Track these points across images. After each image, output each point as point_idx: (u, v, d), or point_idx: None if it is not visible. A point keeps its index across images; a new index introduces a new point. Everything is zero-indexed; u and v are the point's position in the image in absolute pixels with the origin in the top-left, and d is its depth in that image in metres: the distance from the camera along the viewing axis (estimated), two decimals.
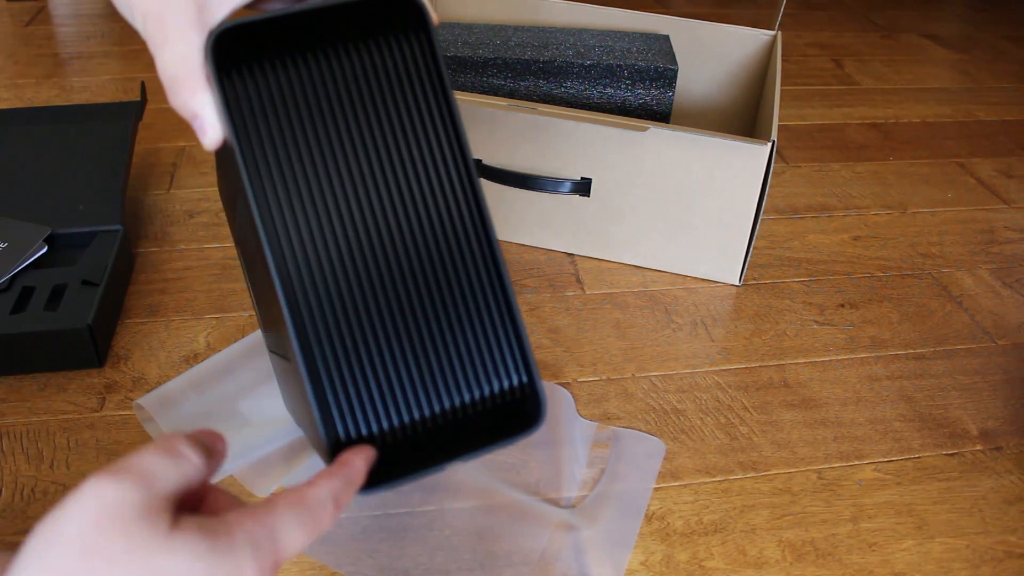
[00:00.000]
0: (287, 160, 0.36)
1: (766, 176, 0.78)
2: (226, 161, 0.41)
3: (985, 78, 1.43)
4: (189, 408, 0.65)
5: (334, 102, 0.37)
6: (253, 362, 0.70)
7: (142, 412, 0.64)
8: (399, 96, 0.38)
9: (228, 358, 0.70)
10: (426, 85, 0.39)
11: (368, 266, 0.37)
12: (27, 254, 0.76)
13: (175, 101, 0.39)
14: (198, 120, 0.39)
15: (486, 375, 0.39)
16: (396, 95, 0.38)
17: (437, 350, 0.38)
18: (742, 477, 0.64)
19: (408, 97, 0.38)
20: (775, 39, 1.02)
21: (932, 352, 0.79)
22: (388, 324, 0.37)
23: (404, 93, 0.38)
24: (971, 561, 0.59)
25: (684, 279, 0.87)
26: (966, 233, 0.98)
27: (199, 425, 0.63)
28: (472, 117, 0.83)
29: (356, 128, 0.37)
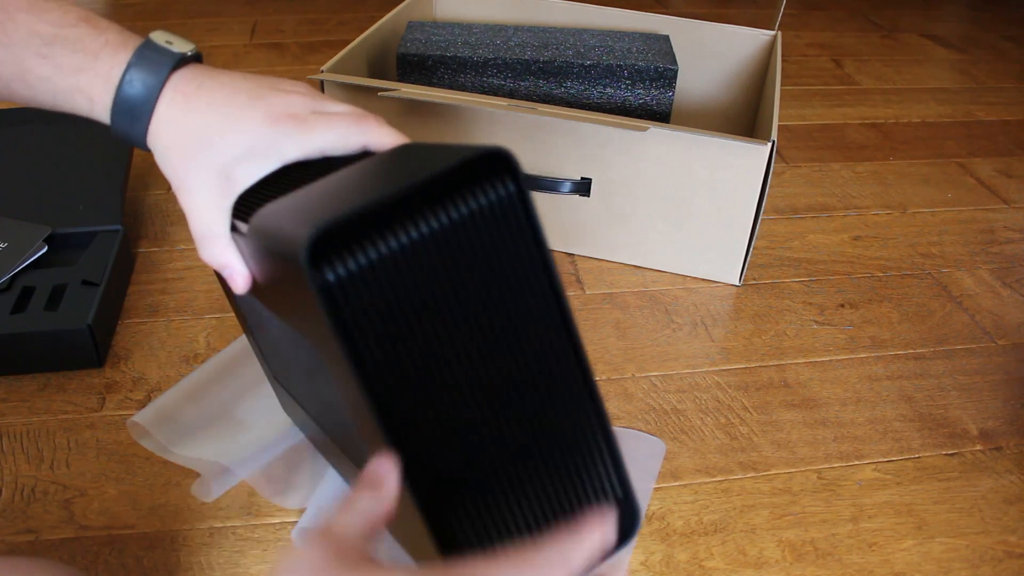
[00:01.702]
0: (395, 340, 0.35)
1: (766, 176, 0.78)
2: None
3: (985, 78, 1.43)
4: (186, 420, 0.65)
5: (437, 274, 0.35)
6: (244, 367, 0.70)
7: (137, 429, 0.64)
8: (497, 254, 0.37)
9: (219, 365, 0.70)
10: (520, 236, 0.37)
11: (478, 417, 0.37)
12: (27, 254, 0.76)
13: (206, 254, 0.44)
14: (229, 270, 0.44)
15: (586, 495, 0.41)
16: (493, 253, 0.37)
17: (543, 481, 0.40)
18: (742, 477, 0.64)
19: (505, 254, 0.37)
20: (775, 39, 1.03)
21: (932, 352, 0.79)
22: (499, 465, 0.38)
23: (500, 251, 0.37)
24: (971, 561, 0.59)
25: (684, 279, 0.87)
26: (966, 233, 0.98)
27: (198, 437, 0.63)
28: (472, 117, 0.83)
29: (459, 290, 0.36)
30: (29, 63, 0.40)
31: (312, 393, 0.50)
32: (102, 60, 0.42)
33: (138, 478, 0.61)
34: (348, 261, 0.33)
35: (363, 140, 0.45)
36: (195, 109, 0.43)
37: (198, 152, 0.43)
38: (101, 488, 0.61)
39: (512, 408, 0.38)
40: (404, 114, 0.85)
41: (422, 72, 0.92)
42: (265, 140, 0.43)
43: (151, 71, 0.43)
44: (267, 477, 0.61)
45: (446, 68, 0.92)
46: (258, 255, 0.41)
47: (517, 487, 0.39)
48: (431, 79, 0.92)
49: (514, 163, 0.36)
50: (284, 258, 0.34)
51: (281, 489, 0.61)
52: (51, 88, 0.41)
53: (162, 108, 0.43)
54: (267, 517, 0.59)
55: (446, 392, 0.36)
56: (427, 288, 0.35)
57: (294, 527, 0.58)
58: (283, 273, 0.37)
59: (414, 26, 1.00)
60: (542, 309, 0.38)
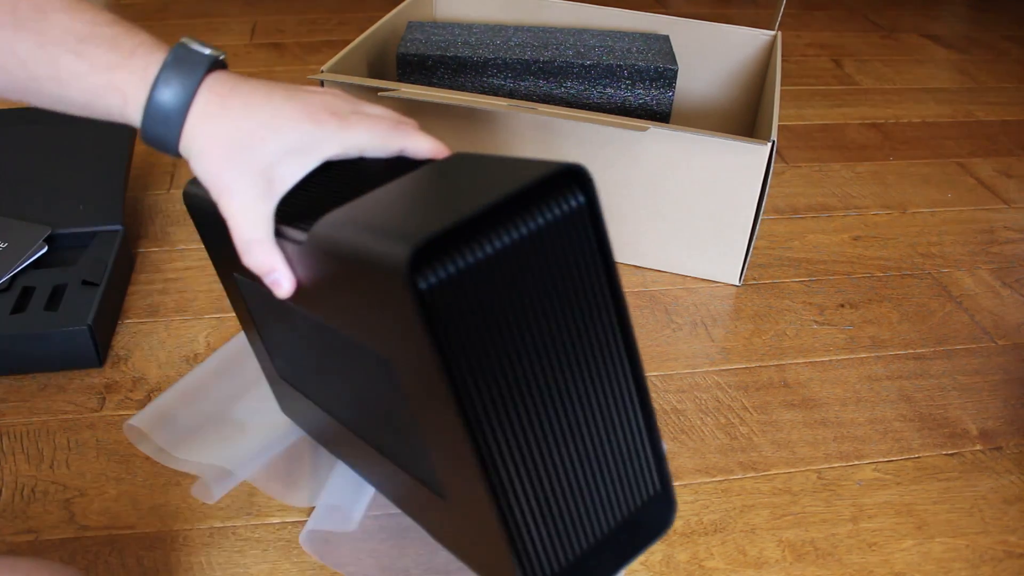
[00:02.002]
0: (478, 342, 0.36)
1: (766, 176, 0.78)
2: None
3: (985, 78, 1.43)
4: (184, 422, 0.65)
5: (516, 281, 0.37)
6: (239, 367, 0.70)
7: (133, 431, 0.64)
8: (567, 263, 0.39)
9: (215, 365, 0.70)
10: (587, 247, 0.39)
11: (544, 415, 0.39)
12: (27, 254, 0.76)
13: (251, 260, 0.44)
14: (275, 274, 0.44)
15: (629, 488, 0.44)
16: (563, 263, 0.38)
17: (602, 495, 0.42)
18: (742, 477, 0.64)
19: (574, 263, 0.39)
20: (775, 39, 1.03)
21: (932, 352, 0.79)
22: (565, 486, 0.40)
23: (570, 260, 0.39)
24: (971, 561, 0.59)
25: (684, 279, 0.87)
26: (966, 233, 0.98)
27: (196, 439, 0.63)
28: (472, 117, 0.83)
29: (533, 297, 0.38)
30: (63, 60, 0.40)
31: (336, 390, 0.51)
32: (137, 58, 0.42)
33: (138, 478, 0.61)
34: (440, 271, 0.34)
35: (401, 144, 0.46)
36: (231, 109, 0.43)
37: (238, 154, 0.42)
38: (101, 488, 0.61)
39: (575, 409, 0.40)
40: (404, 114, 0.85)
41: (422, 72, 0.92)
42: (306, 138, 0.43)
43: (186, 71, 0.42)
44: (269, 475, 0.61)
45: (446, 68, 0.92)
46: (318, 262, 0.41)
47: (576, 483, 0.41)
48: (431, 79, 0.92)
49: (589, 177, 0.37)
50: (367, 268, 0.35)
51: (286, 485, 0.61)
52: (83, 85, 0.41)
53: (197, 109, 0.42)
54: (267, 517, 0.59)
55: (519, 392, 0.38)
56: (507, 295, 0.36)
57: (302, 530, 0.58)
58: (355, 282, 0.37)
59: (414, 26, 1.00)
60: (603, 317, 0.40)
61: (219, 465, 0.61)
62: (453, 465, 0.40)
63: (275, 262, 0.44)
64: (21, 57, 0.39)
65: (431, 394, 0.37)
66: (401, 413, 0.43)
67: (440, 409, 0.37)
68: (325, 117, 0.44)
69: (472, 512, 0.40)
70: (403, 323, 0.35)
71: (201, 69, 0.43)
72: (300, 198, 0.44)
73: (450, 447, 0.38)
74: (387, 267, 0.33)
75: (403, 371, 0.39)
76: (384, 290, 0.34)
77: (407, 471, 0.48)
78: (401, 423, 0.44)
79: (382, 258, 0.33)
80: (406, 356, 0.37)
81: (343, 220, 0.39)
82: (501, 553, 0.39)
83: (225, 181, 0.42)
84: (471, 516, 0.41)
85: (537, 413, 0.39)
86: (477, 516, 0.40)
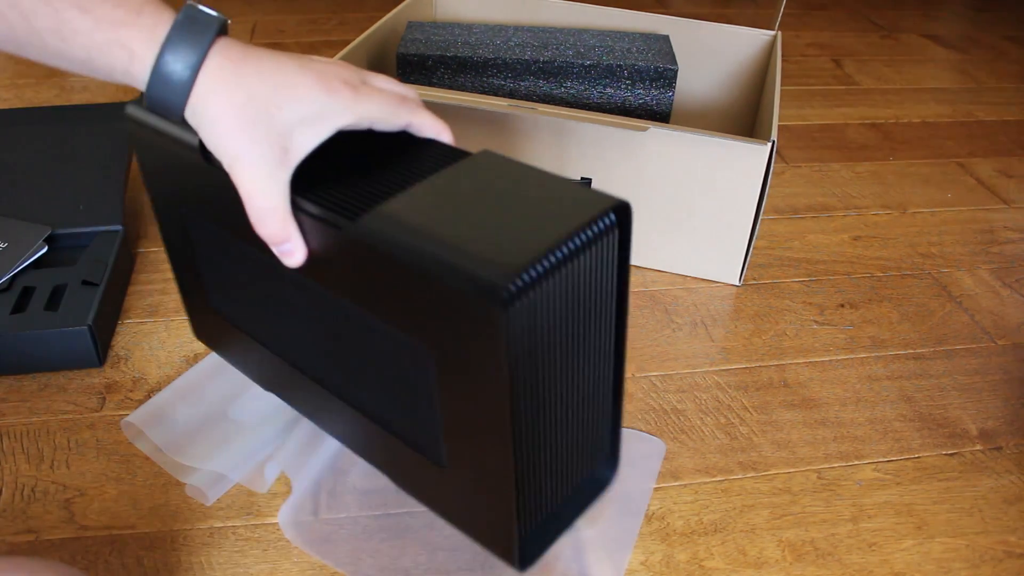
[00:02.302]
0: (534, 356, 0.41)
1: (766, 176, 0.78)
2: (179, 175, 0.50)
3: (985, 78, 1.43)
4: (179, 420, 0.65)
5: (562, 299, 0.41)
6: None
7: (131, 429, 0.64)
8: (595, 285, 0.44)
9: (211, 365, 0.70)
10: (610, 273, 0.44)
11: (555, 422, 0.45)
12: (27, 254, 0.76)
13: (265, 230, 0.43)
14: (288, 244, 0.44)
15: (595, 457, 0.52)
16: (594, 284, 0.43)
17: (575, 463, 0.49)
18: (742, 477, 0.64)
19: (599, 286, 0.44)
20: (775, 39, 1.03)
21: (932, 352, 0.79)
22: (556, 456, 0.47)
23: (598, 282, 0.44)
24: (971, 561, 0.59)
25: (684, 279, 0.87)
26: (966, 233, 0.98)
27: (191, 437, 0.63)
28: (472, 117, 0.83)
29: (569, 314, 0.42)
30: (67, 14, 0.38)
31: (307, 343, 0.53)
32: (145, 16, 0.40)
33: (138, 478, 0.61)
34: (522, 297, 0.38)
35: (408, 119, 0.47)
36: (245, 75, 0.41)
37: (253, 121, 0.41)
38: (101, 488, 0.61)
39: (573, 390, 0.46)
40: None
41: (422, 72, 0.92)
42: (321, 107, 0.43)
43: (197, 33, 0.41)
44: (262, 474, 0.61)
45: (446, 68, 0.92)
46: (360, 256, 0.42)
47: (561, 451, 0.47)
48: (431, 79, 0.92)
49: (629, 215, 0.42)
50: (444, 283, 0.38)
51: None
52: (87, 42, 0.39)
53: (208, 74, 0.41)
54: (267, 517, 0.59)
55: (546, 382, 0.43)
56: (556, 308, 0.41)
57: (279, 510, 0.58)
58: (416, 287, 0.40)
59: (414, 26, 1.00)
60: (608, 316, 0.46)
61: (214, 469, 0.61)
62: (475, 442, 0.43)
63: (290, 232, 0.44)
64: (23, 9, 0.38)
65: (483, 389, 0.40)
66: (414, 391, 0.46)
67: (488, 402, 0.41)
68: (338, 86, 0.43)
69: (479, 480, 0.45)
70: (478, 335, 0.38)
71: (211, 32, 0.41)
72: (313, 168, 0.45)
73: (481, 429, 0.42)
74: (480, 291, 0.37)
75: (449, 366, 0.42)
76: (461, 305, 0.38)
77: (395, 435, 0.50)
78: (407, 397, 0.46)
79: (475, 281, 0.37)
80: (461, 357, 0.40)
81: (406, 226, 0.40)
82: (501, 513, 0.45)
83: (240, 148, 0.41)
84: (475, 483, 0.46)
85: (552, 397, 0.44)
86: (485, 483, 0.45)
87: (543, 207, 0.41)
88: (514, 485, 0.43)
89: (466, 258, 0.38)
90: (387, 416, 0.51)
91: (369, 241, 0.41)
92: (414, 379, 0.46)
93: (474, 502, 0.47)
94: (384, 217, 0.41)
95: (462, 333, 0.39)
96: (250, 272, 0.53)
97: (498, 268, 0.37)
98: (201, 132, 0.43)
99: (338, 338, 0.50)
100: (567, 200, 0.42)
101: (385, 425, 0.51)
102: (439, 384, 0.44)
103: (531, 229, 0.39)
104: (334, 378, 0.54)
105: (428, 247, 0.39)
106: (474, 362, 0.40)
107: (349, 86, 0.44)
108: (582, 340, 0.45)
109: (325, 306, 0.49)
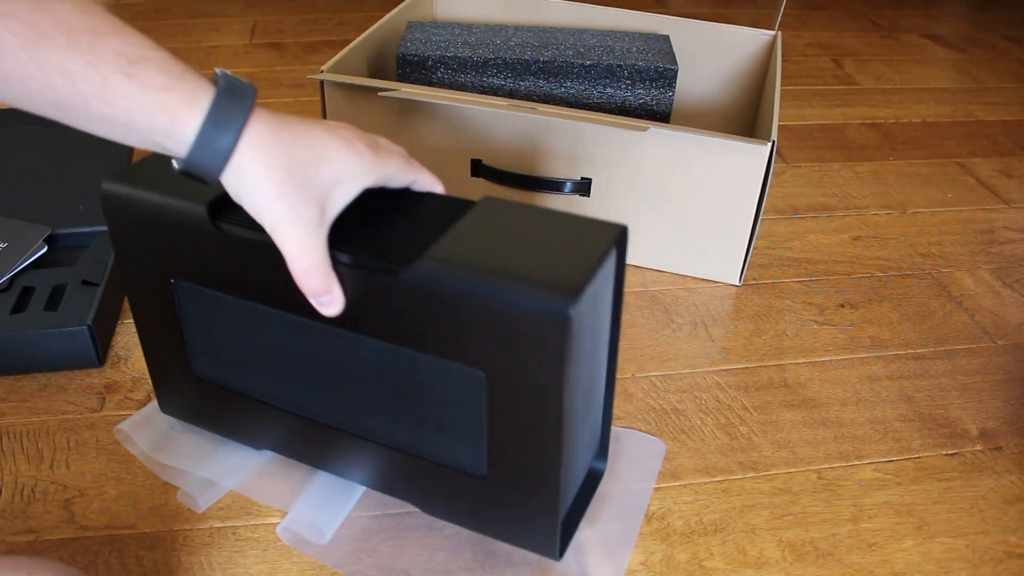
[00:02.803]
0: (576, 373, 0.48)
1: (766, 176, 0.78)
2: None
3: (985, 78, 1.43)
4: (171, 427, 0.65)
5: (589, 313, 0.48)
6: None
7: (121, 434, 0.64)
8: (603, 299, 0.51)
9: None
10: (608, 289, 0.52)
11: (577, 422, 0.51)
12: (27, 254, 0.76)
13: (312, 284, 0.47)
14: (329, 297, 0.48)
15: (591, 453, 0.59)
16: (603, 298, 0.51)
17: (583, 457, 0.57)
18: (742, 477, 0.64)
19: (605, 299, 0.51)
20: (775, 39, 1.03)
21: (932, 352, 0.79)
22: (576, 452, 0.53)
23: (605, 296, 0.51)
24: (971, 561, 0.59)
25: (684, 279, 0.87)
26: (966, 233, 0.98)
27: (179, 443, 0.63)
28: (472, 117, 0.83)
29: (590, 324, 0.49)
30: (113, 80, 0.40)
31: (327, 393, 0.55)
32: (187, 82, 0.42)
33: (138, 478, 0.61)
34: (578, 312, 0.43)
35: (415, 176, 0.53)
36: (285, 141, 0.44)
37: (296, 184, 0.44)
38: (101, 488, 0.61)
39: (585, 396, 0.52)
40: (404, 114, 0.85)
41: (422, 72, 0.92)
42: (352, 169, 0.47)
43: (239, 99, 0.43)
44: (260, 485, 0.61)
45: (446, 68, 0.92)
46: (414, 297, 0.46)
47: (577, 449, 0.53)
48: (431, 79, 0.92)
49: (627, 237, 0.50)
50: (506, 310, 0.44)
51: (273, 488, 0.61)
52: (131, 105, 0.41)
53: (250, 139, 0.43)
54: (267, 517, 0.59)
55: (576, 398, 0.49)
56: (586, 324, 0.47)
57: (278, 524, 0.58)
58: (473, 317, 0.45)
59: (414, 26, 1.00)
60: (607, 334, 0.54)
61: (205, 476, 0.61)
62: (521, 448, 0.49)
63: (332, 285, 0.48)
64: (72, 75, 0.40)
65: (537, 400, 0.46)
66: (455, 412, 0.50)
67: (540, 411, 0.47)
68: (363, 149, 0.48)
69: (521, 482, 0.51)
70: (541, 352, 0.44)
71: (250, 99, 0.43)
72: (338, 224, 0.48)
73: (530, 435, 0.48)
74: (548, 314, 0.43)
75: (503, 384, 0.47)
76: (528, 328, 0.44)
77: (428, 459, 0.54)
78: (446, 419, 0.51)
79: (542, 306, 0.43)
80: (520, 374, 0.46)
81: (463, 266, 0.45)
82: (545, 508, 0.51)
83: (285, 210, 0.44)
84: (517, 485, 0.51)
85: (577, 400, 0.49)
86: (528, 484, 0.51)
87: (566, 238, 0.47)
88: (559, 482, 0.49)
89: (529, 287, 0.43)
90: (420, 442, 0.54)
91: (432, 283, 0.45)
92: (457, 401, 0.50)
93: (514, 502, 0.52)
94: (439, 261, 0.46)
95: (524, 352, 0.45)
96: (261, 332, 0.54)
97: (560, 293, 0.43)
98: (240, 194, 0.45)
99: (368, 378, 0.52)
100: (581, 230, 0.48)
101: (417, 451, 0.54)
102: (489, 401, 0.48)
103: (568, 258, 0.45)
104: (358, 419, 0.55)
105: (491, 281, 0.44)
106: (533, 377, 0.45)
107: (371, 149, 0.48)
108: (594, 345, 0.51)
109: (355, 350, 0.52)
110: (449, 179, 0.88)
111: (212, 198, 0.50)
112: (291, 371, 0.55)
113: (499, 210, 0.51)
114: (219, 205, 0.51)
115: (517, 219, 0.50)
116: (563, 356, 0.44)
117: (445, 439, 0.52)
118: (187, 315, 0.56)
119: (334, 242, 0.47)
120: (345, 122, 0.50)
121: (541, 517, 0.52)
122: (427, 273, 0.45)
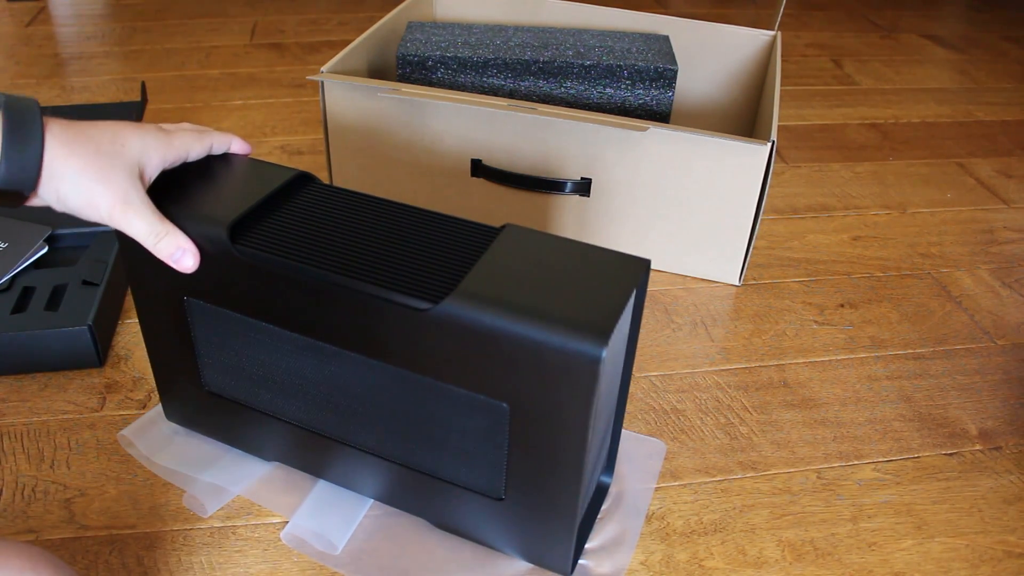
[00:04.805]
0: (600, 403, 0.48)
1: (766, 176, 0.78)
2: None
3: (985, 78, 1.43)
4: (171, 434, 0.64)
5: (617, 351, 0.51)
6: None
7: (124, 440, 0.64)
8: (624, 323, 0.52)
9: None
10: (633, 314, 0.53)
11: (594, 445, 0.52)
12: (27, 254, 0.76)
13: (169, 246, 0.49)
14: (184, 249, 0.50)
15: (601, 468, 0.61)
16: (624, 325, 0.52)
17: (595, 474, 0.58)
18: (742, 477, 0.64)
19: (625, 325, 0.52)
20: (775, 39, 1.03)
21: (932, 352, 0.79)
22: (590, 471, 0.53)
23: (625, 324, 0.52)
24: (970, 561, 0.59)
25: (684, 279, 0.87)
26: (966, 233, 0.98)
27: (180, 449, 0.63)
28: (472, 117, 0.83)
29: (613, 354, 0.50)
30: None
31: (338, 411, 0.55)
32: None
33: (138, 478, 0.61)
34: (605, 352, 0.44)
35: (208, 142, 0.55)
36: (84, 133, 0.46)
37: (112, 163, 0.46)
38: (101, 488, 0.61)
39: (602, 426, 0.54)
40: (404, 114, 0.85)
41: (422, 72, 0.92)
42: (150, 142, 0.50)
43: (26, 111, 0.44)
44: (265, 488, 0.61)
45: (446, 68, 0.92)
46: (445, 332, 0.47)
47: (591, 467, 0.53)
48: (431, 79, 0.93)
49: (648, 271, 0.50)
50: (531, 346, 0.44)
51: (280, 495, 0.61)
52: None
53: (53, 140, 0.45)
54: (267, 517, 0.59)
55: (596, 424, 0.49)
56: (611, 357, 0.48)
57: (283, 529, 0.58)
58: (504, 352, 0.46)
59: (414, 26, 1.00)
60: (623, 359, 0.55)
61: (212, 482, 0.61)
62: (541, 473, 0.50)
63: (183, 240, 0.50)
64: None
65: (561, 431, 0.47)
66: (476, 439, 0.51)
67: (563, 440, 0.48)
68: (151, 129, 0.51)
69: (539, 504, 0.51)
70: (569, 387, 0.45)
71: (37, 109, 0.45)
72: (352, 254, 0.50)
73: (550, 462, 0.49)
74: (578, 354, 0.43)
75: (526, 415, 0.48)
76: (557, 365, 0.44)
77: (445, 480, 0.54)
78: (466, 445, 0.52)
79: (572, 346, 0.43)
80: (545, 406, 0.47)
81: (494, 303, 0.45)
82: (561, 528, 0.52)
83: (113, 193, 0.46)
84: (533, 507, 0.52)
85: (597, 426, 0.50)
86: (545, 506, 0.51)
87: (592, 273, 0.48)
88: (576, 506, 0.50)
89: (561, 328, 0.44)
90: (436, 464, 0.54)
91: (464, 319, 0.46)
92: (478, 430, 0.50)
93: (530, 524, 0.53)
94: (470, 297, 0.46)
95: (551, 388, 0.46)
96: (277, 352, 0.54)
97: (592, 335, 0.43)
98: (65, 197, 0.47)
99: (384, 403, 0.53)
100: (607, 265, 0.49)
101: (432, 472, 0.55)
102: (511, 432, 0.49)
103: (596, 297, 0.46)
104: (373, 439, 0.55)
105: (524, 321, 0.44)
106: (559, 411, 0.46)
107: (158, 129, 0.51)
108: (615, 375, 0.53)
109: (373, 376, 0.52)
110: (449, 179, 0.88)
111: (232, 220, 0.50)
112: (306, 390, 0.55)
113: (523, 241, 0.51)
114: (238, 227, 0.51)
115: (541, 251, 0.50)
116: (591, 393, 0.45)
117: (462, 463, 0.53)
118: (200, 331, 0.56)
119: (357, 270, 0.48)
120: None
121: (556, 537, 0.53)
122: (459, 310, 0.45)
